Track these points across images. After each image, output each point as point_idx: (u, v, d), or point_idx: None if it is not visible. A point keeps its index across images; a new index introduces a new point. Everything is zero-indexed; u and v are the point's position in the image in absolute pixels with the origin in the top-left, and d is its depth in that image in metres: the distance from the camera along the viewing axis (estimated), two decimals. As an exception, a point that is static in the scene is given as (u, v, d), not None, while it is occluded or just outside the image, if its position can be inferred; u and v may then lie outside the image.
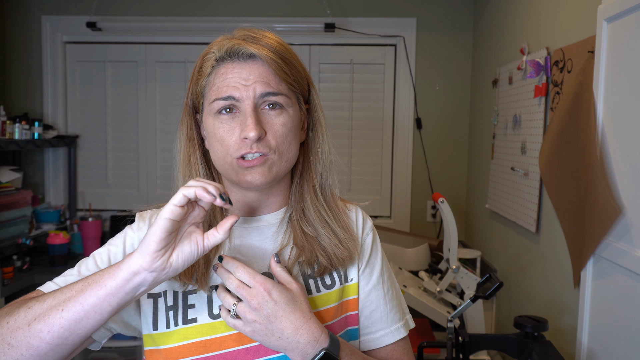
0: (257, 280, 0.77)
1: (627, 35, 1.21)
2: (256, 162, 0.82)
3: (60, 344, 0.72)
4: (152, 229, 0.71)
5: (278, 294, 0.77)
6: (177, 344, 0.83)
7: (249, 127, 0.80)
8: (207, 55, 0.85)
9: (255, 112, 0.81)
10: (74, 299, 0.72)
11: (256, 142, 0.81)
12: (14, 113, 2.88)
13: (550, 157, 1.64)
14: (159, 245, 0.71)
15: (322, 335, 0.78)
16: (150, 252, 0.71)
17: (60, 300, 0.72)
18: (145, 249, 0.71)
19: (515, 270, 2.08)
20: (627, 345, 1.21)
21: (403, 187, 2.96)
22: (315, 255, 0.87)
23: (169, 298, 0.85)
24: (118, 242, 0.90)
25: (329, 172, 0.92)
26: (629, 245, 1.20)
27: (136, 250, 0.72)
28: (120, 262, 0.73)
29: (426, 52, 2.90)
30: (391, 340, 0.92)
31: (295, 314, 0.77)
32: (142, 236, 0.89)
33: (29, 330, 0.71)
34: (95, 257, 0.88)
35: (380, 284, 0.93)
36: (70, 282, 0.82)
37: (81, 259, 0.90)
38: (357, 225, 0.95)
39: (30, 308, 0.73)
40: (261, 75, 0.82)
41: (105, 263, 0.87)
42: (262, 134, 0.81)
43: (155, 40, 2.94)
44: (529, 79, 1.89)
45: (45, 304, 0.72)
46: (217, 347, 0.82)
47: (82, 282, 0.74)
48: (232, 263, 0.79)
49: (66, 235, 2.55)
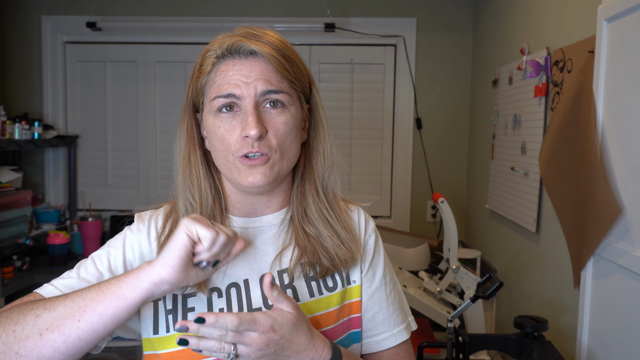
0: (259, 323, 0.71)
1: (627, 35, 1.21)
2: (258, 161, 0.81)
3: (74, 354, 0.71)
4: (175, 241, 0.71)
5: (280, 327, 0.72)
6: (176, 349, 0.81)
7: (250, 126, 0.79)
8: (208, 53, 0.84)
9: (256, 110, 0.80)
10: (90, 309, 0.70)
11: (257, 140, 0.80)
12: (14, 113, 2.88)
13: (550, 157, 1.64)
14: (182, 260, 0.70)
15: (325, 349, 0.77)
16: (173, 266, 0.70)
17: (74, 310, 0.70)
18: (168, 261, 0.70)
19: (515, 270, 2.07)
20: (627, 345, 1.21)
21: (403, 187, 2.96)
22: (317, 256, 0.86)
23: (168, 301, 0.84)
24: (117, 244, 0.88)
25: (331, 171, 0.91)
26: (629, 245, 1.20)
27: (157, 261, 0.71)
28: (138, 271, 0.71)
29: (426, 52, 2.90)
30: (393, 344, 0.92)
31: (300, 339, 0.75)
32: (141, 238, 0.88)
33: (42, 340, 0.69)
34: (95, 259, 0.86)
35: (383, 286, 0.92)
36: (72, 286, 0.81)
37: (79, 261, 0.88)
38: (360, 226, 0.94)
39: (39, 316, 0.71)
40: (262, 72, 0.81)
41: (105, 266, 0.85)
42: (263, 132, 0.80)
43: (155, 40, 2.94)
44: (529, 79, 1.89)
45: (56, 313, 0.71)
46: None
47: (95, 290, 0.72)
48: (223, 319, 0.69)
49: (66, 235, 2.55)
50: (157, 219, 0.91)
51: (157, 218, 0.91)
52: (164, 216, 0.91)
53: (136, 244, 0.88)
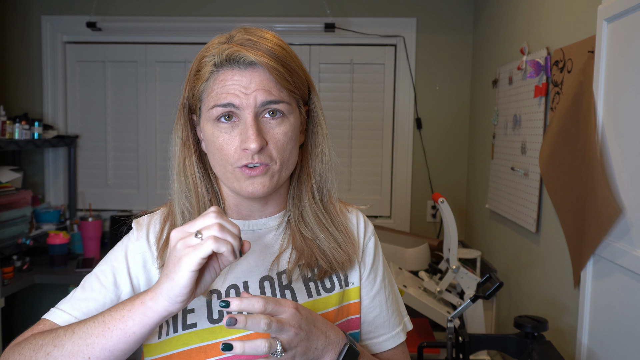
0: (284, 303, 0.71)
1: (627, 35, 1.21)
2: (258, 171, 0.80)
3: None
4: (180, 279, 0.67)
5: (301, 307, 0.72)
6: (176, 351, 0.82)
7: (250, 139, 0.78)
8: (205, 59, 0.82)
9: (256, 121, 0.79)
10: (99, 346, 0.70)
11: (257, 152, 0.79)
12: (14, 113, 2.87)
13: (550, 157, 1.64)
14: (187, 294, 0.69)
15: (340, 331, 0.79)
16: (179, 301, 0.69)
17: (82, 347, 0.70)
18: (174, 297, 0.68)
19: (515, 270, 2.07)
20: (627, 345, 1.21)
21: (403, 187, 2.96)
22: (315, 258, 0.86)
23: None
24: (119, 256, 0.87)
25: (328, 174, 0.91)
26: (629, 245, 1.20)
27: (161, 294, 0.69)
28: (143, 307, 0.70)
29: (426, 52, 2.90)
30: (392, 345, 0.93)
31: (319, 320, 0.75)
32: (142, 245, 0.88)
33: None
34: (100, 276, 0.86)
35: (383, 289, 0.93)
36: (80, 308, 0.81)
37: (85, 278, 0.88)
38: (359, 229, 0.94)
39: (49, 354, 0.71)
40: (262, 83, 0.79)
41: (111, 283, 0.84)
42: (263, 144, 0.79)
43: (155, 40, 2.94)
44: (529, 79, 1.89)
45: (65, 350, 0.71)
46: (217, 352, 0.81)
47: (101, 326, 0.71)
48: (248, 301, 0.68)
49: (66, 235, 2.55)
50: (155, 223, 0.91)
51: (154, 223, 0.91)
52: (161, 220, 0.90)
53: (138, 252, 0.87)
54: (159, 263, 0.86)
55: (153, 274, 0.87)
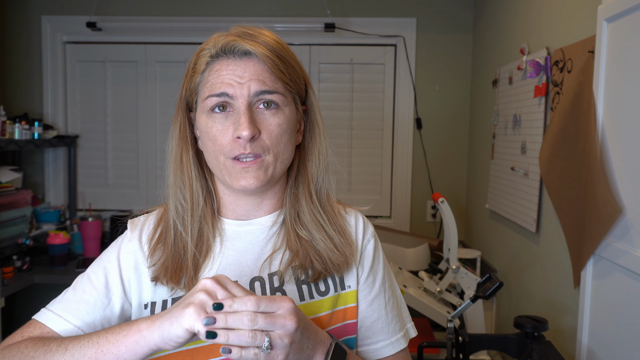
0: (279, 300, 0.67)
1: (627, 35, 1.21)
2: (251, 163, 0.80)
3: None
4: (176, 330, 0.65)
5: (295, 305, 0.69)
6: (176, 350, 0.80)
7: (242, 126, 0.77)
8: (202, 52, 0.83)
9: (249, 110, 0.79)
10: None
11: (250, 142, 0.79)
12: (14, 113, 2.87)
13: (550, 157, 1.64)
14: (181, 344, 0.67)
15: (324, 331, 0.77)
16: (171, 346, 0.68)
17: None
18: (169, 342, 0.67)
19: (515, 270, 2.07)
20: (627, 345, 1.21)
21: (403, 187, 2.96)
22: (309, 259, 0.84)
23: (157, 309, 0.84)
24: (112, 257, 0.87)
25: (326, 174, 0.90)
26: (629, 245, 1.20)
27: (156, 329, 0.68)
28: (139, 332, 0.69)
29: (426, 52, 2.90)
30: (391, 352, 0.89)
31: (309, 321, 0.73)
32: (134, 246, 0.87)
33: None
34: (91, 278, 0.85)
35: (382, 293, 0.90)
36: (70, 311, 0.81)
37: (77, 278, 0.87)
38: (358, 231, 0.92)
39: None
40: (256, 72, 0.80)
41: (102, 284, 0.84)
42: (256, 133, 0.79)
43: (155, 40, 2.94)
44: (529, 79, 1.89)
45: None
46: (204, 355, 0.80)
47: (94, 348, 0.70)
48: (240, 301, 0.65)
49: (66, 235, 2.55)
50: (149, 223, 0.91)
51: (149, 223, 0.91)
52: (155, 220, 0.90)
53: (130, 253, 0.87)
54: (149, 262, 0.85)
55: (144, 275, 0.86)
